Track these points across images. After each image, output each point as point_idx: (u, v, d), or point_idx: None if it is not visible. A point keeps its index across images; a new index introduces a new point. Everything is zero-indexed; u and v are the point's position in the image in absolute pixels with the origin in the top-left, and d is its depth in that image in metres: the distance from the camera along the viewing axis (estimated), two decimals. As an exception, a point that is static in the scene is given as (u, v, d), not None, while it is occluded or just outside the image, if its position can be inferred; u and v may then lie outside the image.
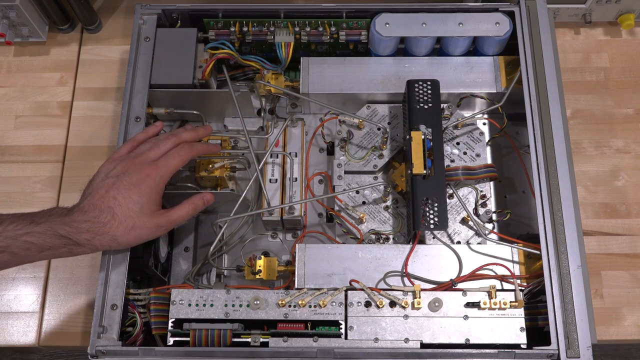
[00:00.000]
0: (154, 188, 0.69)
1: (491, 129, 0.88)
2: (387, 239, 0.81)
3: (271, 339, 0.70)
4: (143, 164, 0.70)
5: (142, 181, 0.68)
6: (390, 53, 0.86)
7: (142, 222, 0.68)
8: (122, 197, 0.67)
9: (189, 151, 0.74)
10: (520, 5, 0.84)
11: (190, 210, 0.73)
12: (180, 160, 0.72)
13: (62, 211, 0.66)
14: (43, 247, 0.63)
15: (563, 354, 0.67)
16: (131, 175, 0.69)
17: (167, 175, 0.71)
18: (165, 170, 0.71)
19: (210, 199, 0.76)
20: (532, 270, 0.75)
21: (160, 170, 0.70)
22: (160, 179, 0.70)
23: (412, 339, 0.70)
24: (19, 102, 0.96)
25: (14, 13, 0.91)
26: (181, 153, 0.73)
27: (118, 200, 0.67)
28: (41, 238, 0.63)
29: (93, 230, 0.65)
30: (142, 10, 0.85)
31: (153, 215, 0.69)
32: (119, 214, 0.66)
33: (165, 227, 0.71)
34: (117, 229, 0.66)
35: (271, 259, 0.78)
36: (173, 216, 0.71)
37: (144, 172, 0.69)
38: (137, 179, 0.68)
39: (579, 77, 0.96)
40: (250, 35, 0.85)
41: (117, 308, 0.70)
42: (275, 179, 0.83)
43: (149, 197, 0.69)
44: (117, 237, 0.67)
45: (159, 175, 0.70)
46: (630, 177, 0.90)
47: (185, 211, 0.73)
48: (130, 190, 0.67)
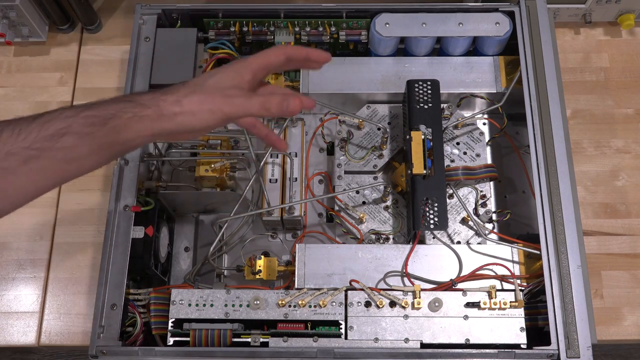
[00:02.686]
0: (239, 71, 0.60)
1: (491, 129, 0.88)
2: (387, 239, 0.81)
3: (271, 339, 0.70)
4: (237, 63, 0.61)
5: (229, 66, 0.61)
6: (390, 53, 0.86)
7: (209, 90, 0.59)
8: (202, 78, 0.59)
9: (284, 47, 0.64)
10: (520, 5, 0.84)
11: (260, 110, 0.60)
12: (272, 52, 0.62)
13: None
14: (105, 117, 0.55)
15: (563, 354, 0.67)
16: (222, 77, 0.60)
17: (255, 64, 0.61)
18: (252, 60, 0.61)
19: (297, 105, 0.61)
20: (532, 270, 0.75)
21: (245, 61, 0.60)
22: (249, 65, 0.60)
23: (412, 339, 0.70)
24: (19, 102, 0.96)
25: (14, 13, 0.91)
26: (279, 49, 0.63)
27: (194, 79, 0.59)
28: (101, 109, 0.55)
29: (155, 96, 0.57)
30: (142, 10, 0.85)
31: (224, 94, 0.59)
32: (189, 82, 0.59)
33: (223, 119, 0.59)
34: (182, 90, 0.58)
35: (271, 259, 0.78)
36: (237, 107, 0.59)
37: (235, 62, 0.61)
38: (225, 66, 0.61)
39: (579, 77, 0.96)
40: (250, 35, 0.85)
41: (117, 308, 0.70)
42: (275, 179, 0.83)
43: (231, 78, 0.59)
44: (181, 99, 0.57)
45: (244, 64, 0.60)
46: (630, 177, 0.90)
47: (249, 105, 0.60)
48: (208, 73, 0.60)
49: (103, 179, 0.89)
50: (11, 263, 0.87)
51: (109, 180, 0.85)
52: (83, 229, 0.88)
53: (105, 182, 0.89)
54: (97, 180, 0.90)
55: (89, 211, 0.88)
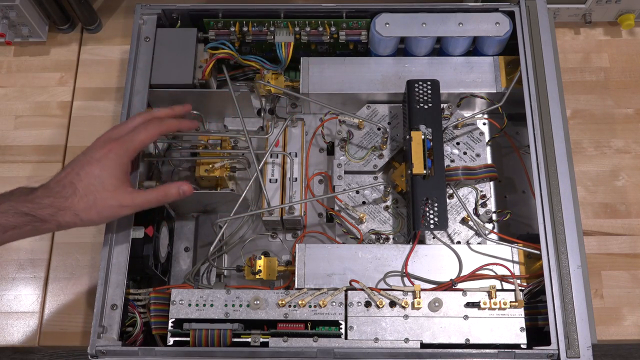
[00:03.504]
0: (117, 163, 0.67)
1: (491, 129, 0.88)
2: (387, 239, 0.81)
3: (271, 339, 0.70)
4: (108, 140, 0.69)
5: (105, 156, 0.67)
6: (390, 53, 0.86)
7: (104, 197, 0.66)
8: (84, 172, 0.66)
9: (158, 126, 0.71)
10: (520, 5, 0.84)
11: (160, 196, 0.70)
12: (147, 135, 0.70)
13: (25, 190, 0.65)
14: (6, 226, 0.62)
15: (563, 354, 0.67)
16: (95, 151, 0.68)
17: (132, 150, 0.69)
18: (129, 145, 0.68)
19: (187, 191, 0.71)
20: (532, 270, 0.75)
21: (124, 145, 0.68)
22: (124, 152, 0.68)
23: (412, 339, 0.70)
24: (19, 102, 0.96)
25: (14, 13, 0.91)
26: (148, 128, 0.70)
27: (80, 176, 0.66)
28: (3, 217, 0.62)
29: (55, 206, 0.64)
30: (142, 10, 0.85)
31: (116, 192, 0.66)
32: (80, 189, 0.65)
33: (130, 208, 0.68)
34: (78, 204, 0.65)
35: (271, 259, 0.78)
36: (139, 198, 0.68)
37: (107, 147, 0.67)
38: (100, 155, 0.67)
39: (579, 77, 0.96)
40: (250, 35, 0.85)
41: (117, 308, 0.70)
42: (275, 179, 0.83)
43: (111, 172, 0.67)
44: (79, 212, 0.65)
45: (123, 149, 0.68)
46: (630, 177, 0.90)
47: (154, 196, 0.69)
48: (91, 165, 0.66)
49: (103, 179, 0.89)
50: (11, 263, 0.87)
51: (109, 180, 0.85)
52: (83, 229, 0.87)
53: (105, 182, 0.89)
54: (97, 180, 0.90)
55: (89, 211, 0.88)
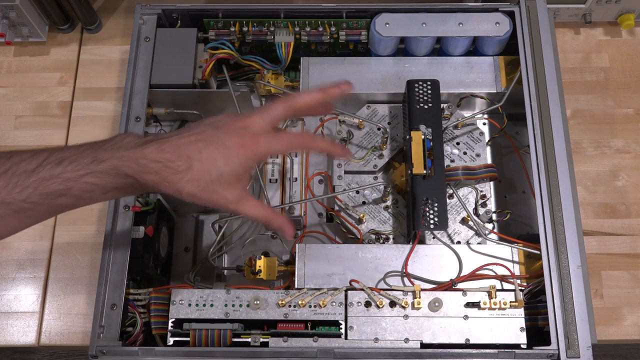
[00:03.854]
0: (244, 163, 0.59)
1: (491, 129, 0.88)
2: (387, 239, 0.81)
3: (271, 339, 0.70)
4: (247, 132, 0.60)
5: (235, 150, 0.58)
6: (390, 53, 0.86)
7: (214, 189, 0.58)
8: (206, 153, 0.58)
9: (303, 142, 0.64)
10: (520, 5, 0.84)
11: (265, 214, 0.63)
12: (285, 147, 0.62)
13: (134, 143, 0.57)
14: (106, 187, 0.56)
15: (563, 354, 0.67)
16: (227, 136, 0.59)
17: (264, 156, 0.61)
18: (264, 149, 0.60)
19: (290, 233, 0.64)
20: (532, 270, 0.75)
21: (259, 147, 0.59)
22: (255, 156, 0.60)
23: (412, 339, 0.70)
24: (19, 102, 0.96)
25: (14, 13, 0.91)
26: (293, 141, 0.63)
27: (202, 155, 0.58)
28: (104, 178, 0.55)
29: (162, 174, 0.57)
30: (142, 10, 0.85)
31: (228, 189, 0.59)
32: (195, 170, 0.57)
33: (233, 210, 0.61)
34: (186, 185, 0.58)
35: (271, 259, 0.78)
36: (245, 206, 0.61)
37: (243, 141, 0.59)
38: (231, 144, 0.58)
39: (579, 77, 0.96)
40: (250, 35, 0.85)
41: (117, 308, 0.70)
42: (275, 179, 0.83)
43: (233, 169, 0.58)
44: (183, 192, 0.58)
45: (256, 154, 0.59)
46: (630, 177, 0.90)
47: (260, 211, 0.62)
48: (218, 150, 0.58)
49: (103, 179, 0.89)
50: (11, 263, 0.87)
51: (109, 180, 0.85)
52: (83, 229, 0.88)
53: (105, 182, 0.89)
54: (97, 180, 0.90)
55: (89, 211, 0.88)
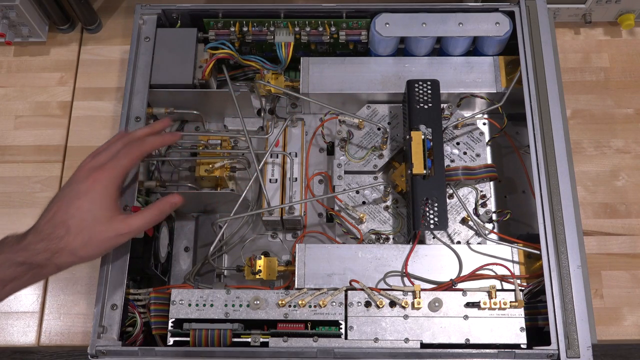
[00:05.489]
0: (105, 193, 0.64)
1: (491, 129, 0.88)
2: (387, 239, 0.81)
3: (271, 339, 0.70)
4: (91, 170, 0.66)
5: (91, 188, 0.64)
6: (390, 53, 0.86)
7: (99, 231, 0.63)
8: (73, 208, 0.63)
9: (140, 148, 0.69)
10: (520, 5, 0.84)
11: (155, 215, 0.68)
12: (129, 159, 0.67)
13: (15, 238, 0.62)
14: (5, 280, 0.60)
15: (563, 354, 0.67)
16: (80, 183, 0.64)
17: (118, 178, 0.66)
18: (114, 173, 0.66)
19: (178, 201, 0.70)
20: (532, 270, 0.75)
21: (109, 173, 0.65)
22: (110, 182, 0.65)
23: (412, 339, 0.70)
24: (19, 102, 0.96)
25: (14, 13, 0.91)
26: (131, 151, 0.68)
27: (70, 213, 0.62)
28: (0, 272, 0.59)
29: (50, 249, 0.61)
30: (142, 10, 0.85)
31: (110, 222, 0.64)
32: (73, 227, 0.62)
33: (128, 235, 0.66)
34: (74, 243, 0.62)
35: (271, 259, 0.78)
36: (135, 223, 0.66)
37: (92, 177, 0.65)
38: (86, 187, 0.64)
39: (579, 77, 0.96)
40: (250, 35, 0.85)
41: (117, 308, 0.70)
42: (275, 179, 0.83)
43: (101, 204, 0.64)
44: (76, 251, 0.62)
45: (108, 179, 0.65)
46: (630, 177, 0.90)
47: (150, 217, 0.67)
48: (79, 199, 0.63)
49: (103, 179, 0.90)
50: (11, 263, 0.87)
51: (109, 180, 0.85)
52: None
53: (105, 182, 0.89)
54: (97, 180, 0.90)
55: (89, 211, 0.88)
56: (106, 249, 0.66)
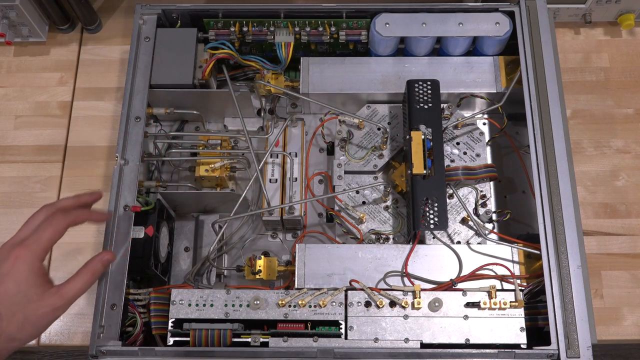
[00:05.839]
0: (29, 270, 0.61)
1: (491, 129, 0.88)
2: (387, 239, 0.81)
3: (271, 339, 0.70)
4: (11, 247, 0.62)
5: (13, 268, 0.60)
6: (390, 53, 0.86)
7: (33, 309, 0.60)
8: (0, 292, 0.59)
9: (64, 219, 0.64)
10: (520, 5, 0.84)
11: (88, 279, 0.65)
12: (53, 231, 0.63)
13: None
14: None
15: (563, 354, 0.67)
16: (1, 265, 0.60)
17: (41, 252, 0.62)
18: (36, 247, 0.61)
19: (111, 258, 0.69)
20: (532, 270, 0.75)
21: (31, 248, 0.61)
22: (32, 258, 0.61)
23: (412, 339, 0.70)
24: (19, 102, 0.96)
25: (14, 13, 0.91)
26: (53, 223, 0.63)
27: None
28: None
29: None
30: (142, 10, 0.85)
31: (43, 298, 0.61)
32: (4, 312, 0.59)
33: (64, 306, 0.63)
34: (8, 328, 0.59)
35: (271, 259, 0.78)
36: (69, 292, 0.63)
37: (13, 256, 0.61)
38: (8, 268, 0.60)
39: (579, 77, 0.96)
40: (250, 35, 0.85)
41: (117, 308, 0.70)
42: (275, 179, 0.83)
43: (28, 283, 0.60)
44: (14, 335, 0.59)
45: (30, 254, 0.61)
46: (630, 177, 0.90)
47: (83, 282, 0.64)
48: (4, 282, 0.59)
49: (103, 179, 0.89)
50: (11, 263, 0.87)
51: (109, 180, 0.85)
52: (83, 229, 0.87)
53: (106, 182, 0.89)
54: (97, 180, 0.90)
55: (89, 211, 0.88)
56: (45, 325, 0.62)
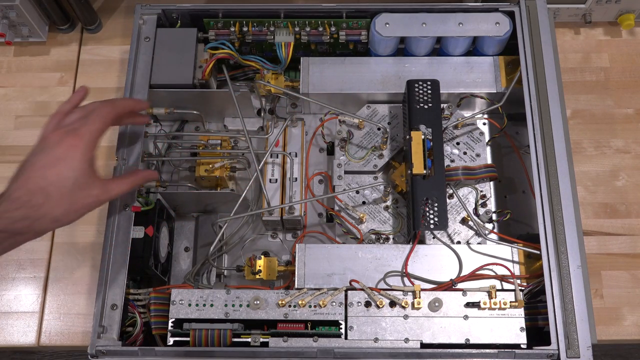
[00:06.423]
0: (84, 159, 0.64)
1: (491, 129, 0.88)
2: (387, 239, 0.81)
3: (271, 339, 0.70)
4: (64, 134, 0.64)
5: (69, 155, 0.63)
6: (390, 53, 0.86)
7: (81, 197, 0.63)
8: (52, 174, 0.62)
9: (111, 109, 0.68)
10: (520, 5, 0.84)
11: (133, 181, 0.71)
12: (102, 122, 0.66)
13: None
14: None
15: (563, 354, 0.67)
16: (54, 148, 0.63)
17: (94, 142, 0.66)
18: (89, 138, 0.65)
19: (153, 177, 0.75)
20: (532, 270, 0.75)
21: (85, 139, 0.64)
22: (87, 148, 0.64)
23: (412, 339, 0.70)
24: (19, 102, 0.96)
25: (14, 13, 0.91)
26: (102, 114, 0.67)
27: (48, 179, 0.61)
28: None
29: (30, 217, 0.60)
30: (142, 10, 0.85)
31: (89, 187, 0.64)
32: (53, 193, 0.61)
33: (106, 200, 0.67)
34: (55, 210, 0.61)
35: (271, 259, 0.78)
36: (114, 189, 0.68)
37: (68, 143, 0.63)
38: (62, 152, 0.63)
39: (579, 77, 0.96)
40: (250, 35, 0.85)
41: (117, 308, 0.70)
42: (275, 179, 0.83)
43: (81, 171, 0.63)
44: (58, 218, 0.62)
45: (85, 145, 0.64)
46: (630, 177, 0.90)
47: (128, 182, 0.70)
48: (58, 165, 0.62)
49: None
50: (11, 263, 0.87)
51: (109, 180, 0.85)
52: (83, 229, 0.88)
53: (105, 182, 0.89)
54: (97, 180, 0.90)
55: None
56: (85, 213, 0.66)
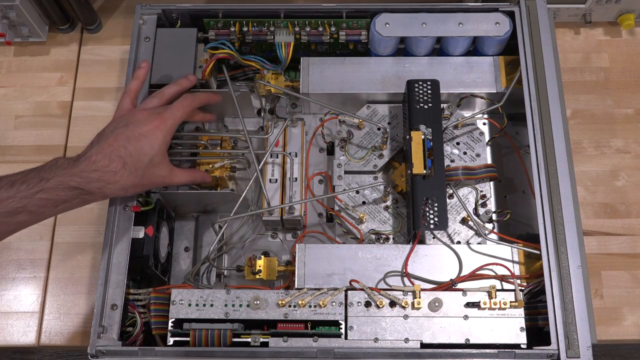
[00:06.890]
0: (164, 141, 0.71)
1: (491, 129, 0.88)
2: (387, 239, 0.81)
3: (271, 339, 0.70)
4: (151, 115, 0.71)
5: (152, 133, 0.70)
6: (390, 53, 0.86)
7: (151, 173, 0.70)
8: (132, 147, 0.68)
9: (192, 100, 0.76)
10: (520, 5, 0.84)
11: (189, 178, 0.77)
12: (183, 110, 0.74)
13: (67, 162, 0.66)
14: (57, 201, 0.64)
15: (563, 354, 0.67)
16: (140, 125, 0.69)
17: (173, 127, 0.73)
18: (172, 122, 0.72)
19: (207, 180, 0.79)
20: (532, 270, 0.75)
21: (168, 122, 0.71)
22: (168, 131, 0.71)
23: (412, 339, 0.70)
24: (19, 102, 0.96)
25: (14, 13, 0.91)
26: (184, 103, 0.75)
27: (129, 150, 0.67)
28: (54, 193, 0.64)
29: (103, 180, 0.66)
30: (142, 10, 0.85)
31: (160, 168, 0.71)
32: (129, 164, 0.67)
33: (168, 183, 0.74)
34: (127, 179, 0.67)
35: (271, 259, 0.78)
36: (177, 177, 0.74)
37: (153, 123, 0.70)
38: (147, 130, 0.69)
39: (579, 77, 0.96)
40: (250, 35, 0.85)
41: (117, 308, 0.70)
42: (275, 179, 0.83)
43: (159, 150, 0.70)
44: (128, 187, 0.68)
45: (166, 128, 0.71)
46: (630, 177, 0.90)
47: (186, 178, 0.76)
48: (140, 140, 0.68)
49: (103, 179, 0.90)
50: (11, 263, 0.87)
51: (109, 180, 0.85)
52: (83, 229, 0.88)
53: (105, 182, 0.89)
54: (97, 180, 0.90)
55: (89, 211, 0.88)
56: (148, 189, 0.74)
